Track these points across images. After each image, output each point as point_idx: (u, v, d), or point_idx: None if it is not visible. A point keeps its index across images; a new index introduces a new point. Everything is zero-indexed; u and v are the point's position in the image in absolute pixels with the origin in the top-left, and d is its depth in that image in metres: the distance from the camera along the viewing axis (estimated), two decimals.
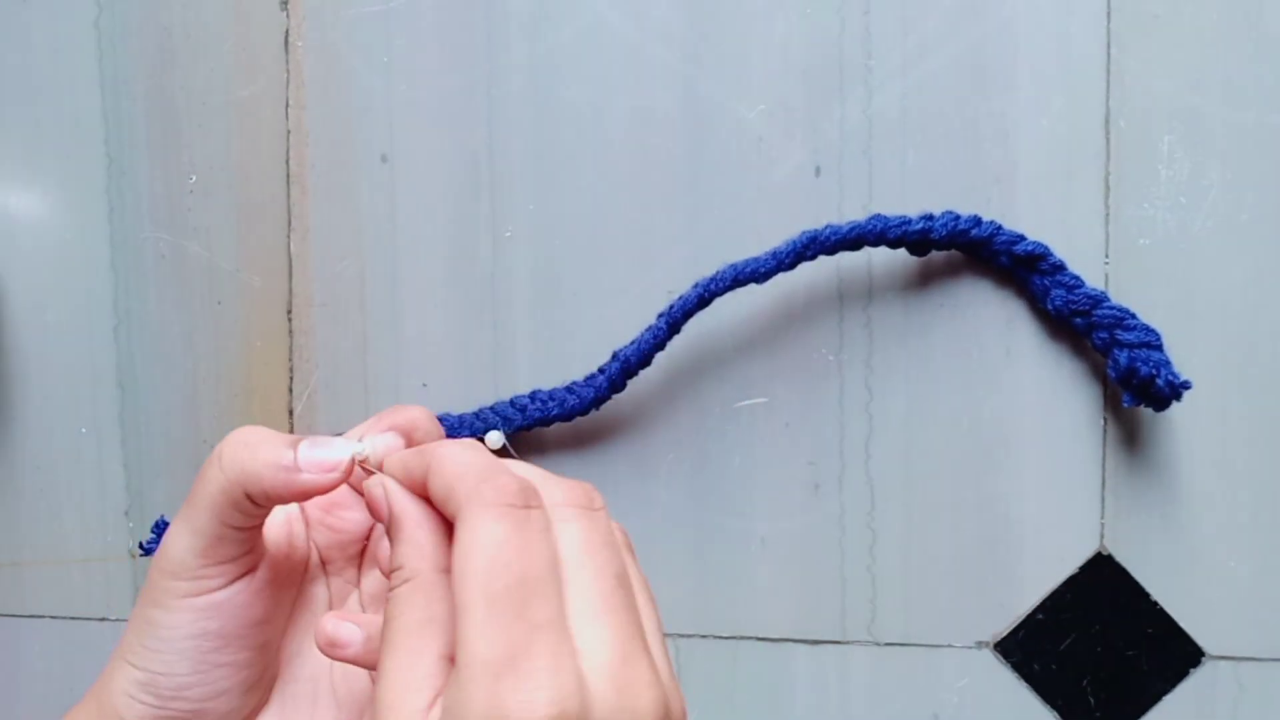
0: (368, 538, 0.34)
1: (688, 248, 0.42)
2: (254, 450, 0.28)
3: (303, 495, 0.29)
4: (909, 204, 0.41)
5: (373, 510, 0.28)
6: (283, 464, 0.28)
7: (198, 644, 0.29)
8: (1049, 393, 0.41)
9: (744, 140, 0.41)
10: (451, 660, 0.24)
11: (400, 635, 0.25)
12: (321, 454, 0.28)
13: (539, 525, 0.25)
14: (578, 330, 0.42)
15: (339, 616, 0.30)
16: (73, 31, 0.44)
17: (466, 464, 0.26)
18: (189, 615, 0.29)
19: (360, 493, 0.31)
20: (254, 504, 0.29)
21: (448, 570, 0.26)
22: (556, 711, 0.22)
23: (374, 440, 0.29)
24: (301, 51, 0.43)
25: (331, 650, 0.30)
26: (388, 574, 0.27)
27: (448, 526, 0.26)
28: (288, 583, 0.32)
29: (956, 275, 0.41)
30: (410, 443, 0.30)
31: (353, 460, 0.29)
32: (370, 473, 0.29)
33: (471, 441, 0.27)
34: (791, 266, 0.39)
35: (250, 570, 0.31)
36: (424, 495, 0.27)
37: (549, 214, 0.42)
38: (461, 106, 0.42)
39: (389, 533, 0.27)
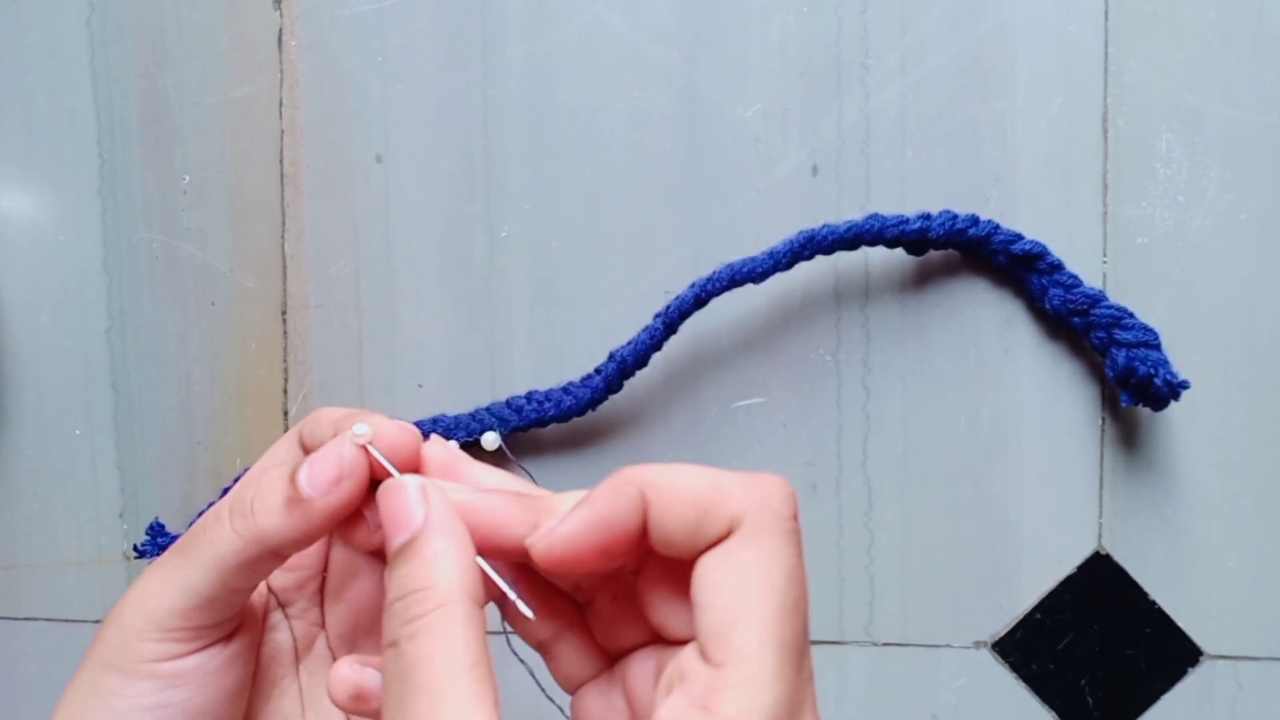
0: (325, 568, 0.29)
1: (685, 248, 0.41)
2: (264, 502, 0.24)
3: (329, 524, 0.25)
4: (907, 204, 0.41)
5: (394, 512, 0.23)
6: (285, 501, 0.24)
7: (154, 718, 0.25)
8: (1047, 392, 0.41)
9: (741, 140, 0.41)
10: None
11: (444, 680, 0.21)
12: (320, 467, 0.24)
13: (800, 545, 0.22)
14: (574, 331, 0.42)
15: (359, 661, 0.25)
16: (65, 31, 0.43)
17: (712, 473, 0.22)
18: (150, 684, 0.25)
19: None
20: (277, 559, 0.25)
21: (481, 603, 0.22)
22: None
23: (379, 424, 0.25)
24: (295, 51, 0.43)
25: (357, 704, 0.25)
26: (393, 599, 0.22)
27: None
28: (256, 641, 0.28)
29: (954, 275, 0.41)
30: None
31: (363, 459, 0.24)
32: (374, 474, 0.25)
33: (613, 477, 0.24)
34: (789, 266, 0.39)
35: (232, 634, 0.26)
36: (624, 544, 0.22)
37: (545, 214, 0.42)
38: (457, 106, 0.42)
39: (408, 545, 0.22)
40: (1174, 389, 0.38)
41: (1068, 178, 0.40)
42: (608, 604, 0.26)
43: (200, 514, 0.42)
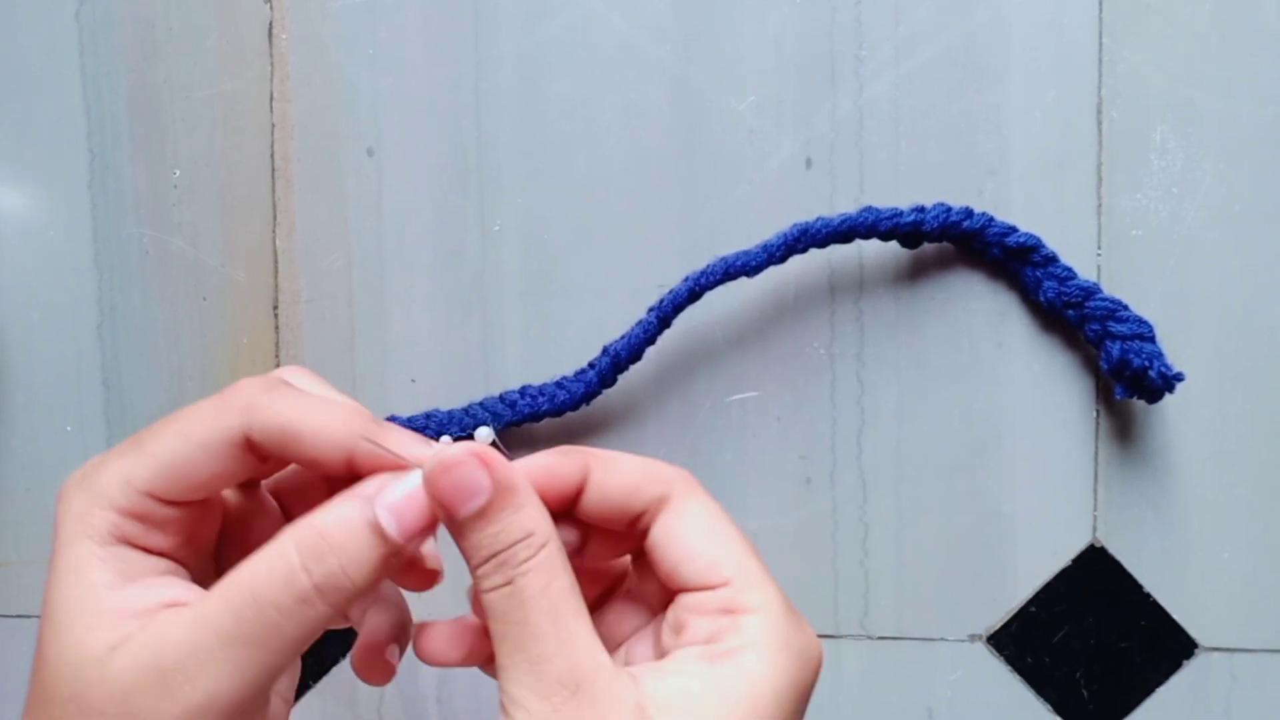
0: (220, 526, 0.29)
1: (678, 241, 0.41)
2: (352, 559, 0.24)
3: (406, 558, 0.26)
4: (901, 196, 0.40)
5: (460, 482, 0.24)
6: (378, 552, 0.24)
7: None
8: (1041, 385, 0.41)
9: (735, 133, 0.41)
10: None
11: (563, 599, 0.24)
12: (408, 516, 0.25)
13: None
14: (567, 325, 0.42)
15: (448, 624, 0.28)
16: (53, 25, 0.43)
17: (642, 460, 0.27)
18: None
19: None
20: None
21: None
22: (821, 647, 0.27)
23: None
24: (286, 44, 0.42)
25: (446, 653, 0.27)
26: (495, 551, 0.25)
27: None
28: None
29: (948, 268, 0.41)
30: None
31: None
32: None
33: (553, 451, 0.27)
34: (782, 259, 0.39)
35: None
36: (557, 496, 0.26)
37: (538, 208, 0.42)
38: (449, 99, 0.42)
39: (488, 507, 0.24)
40: (1169, 381, 0.38)
41: (1062, 170, 0.40)
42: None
43: None
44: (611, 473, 0.27)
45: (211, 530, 0.28)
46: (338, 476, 0.26)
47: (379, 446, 0.25)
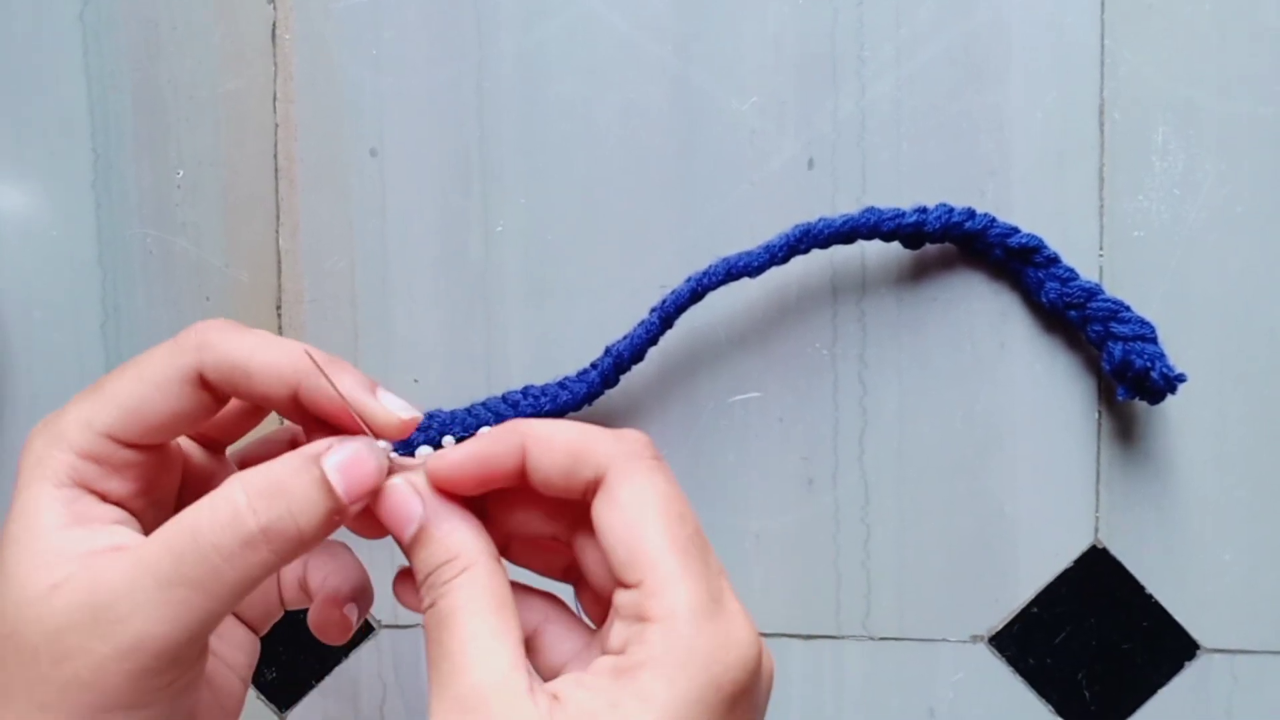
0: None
1: (680, 241, 0.41)
2: (301, 505, 0.25)
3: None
4: (903, 197, 0.40)
5: (395, 509, 0.26)
6: (325, 506, 0.25)
7: None
8: (1043, 386, 0.41)
9: (736, 133, 0.41)
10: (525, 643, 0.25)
11: (476, 620, 0.24)
12: (355, 480, 0.25)
13: (674, 476, 0.26)
14: (570, 325, 0.42)
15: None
16: (57, 25, 0.43)
17: (584, 428, 0.26)
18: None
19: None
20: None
21: (497, 558, 0.26)
22: (757, 645, 0.25)
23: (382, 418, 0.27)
24: (289, 44, 0.42)
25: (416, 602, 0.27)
26: (426, 574, 0.26)
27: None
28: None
29: (950, 269, 0.41)
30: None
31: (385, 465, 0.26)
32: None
33: (488, 430, 0.27)
34: (784, 260, 0.39)
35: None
36: (502, 477, 0.26)
37: (540, 208, 0.42)
38: (451, 100, 0.42)
39: (420, 533, 0.26)
40: (1171, 382, 0.38)
41: (1063, 170, 0.40)
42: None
43: None
44: (545, 452, 0.26)
45: (171, 482, 0.29)
46: (288, 414, 0.27)
47: (325, 376, 0.26)
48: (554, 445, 0.26)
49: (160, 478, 0.28)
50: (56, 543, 0.25)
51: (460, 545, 0.26)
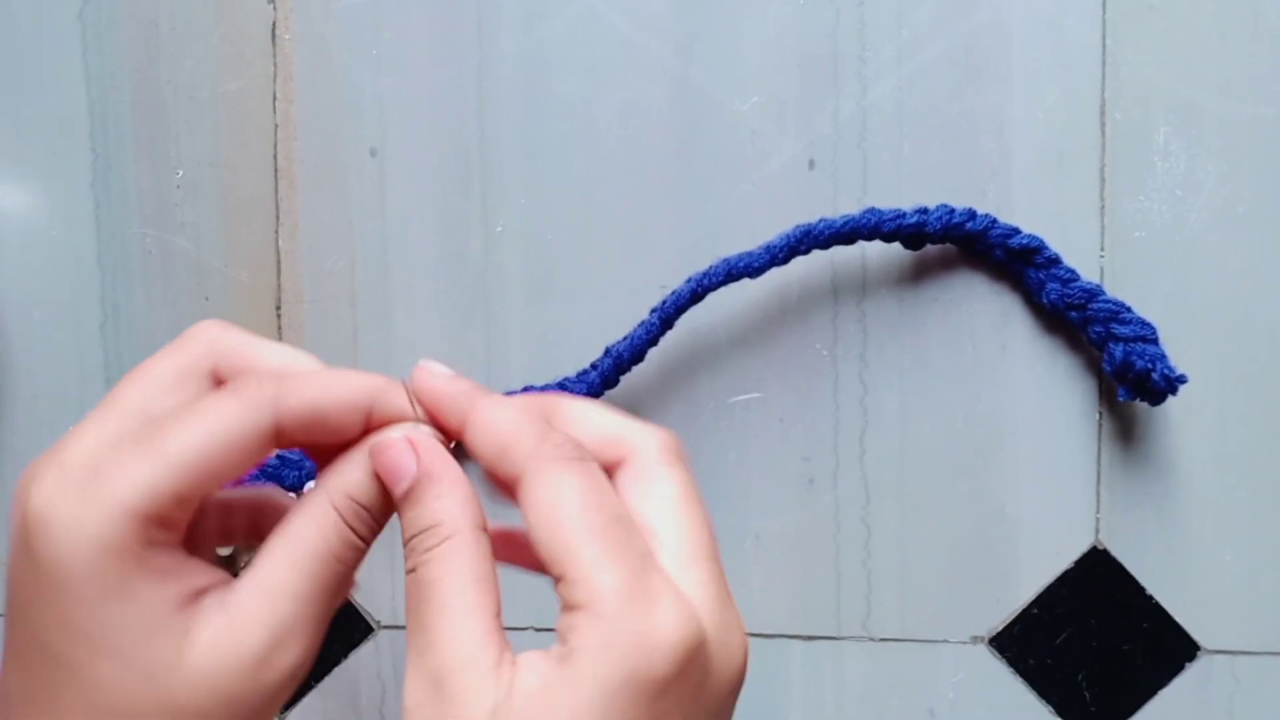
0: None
1: (680, 241, 0.41)
2: (354, 479, 0.26)
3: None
4: (903, 197, 0.40)
5: (391, 464, 0.26)
6: (374, 482, 0.26)
7: None
8: (1044, 387, 0.40)
9: (737, 133, 0.41)
10: (498, 618, 0.25)
11: (452, 594, 0.24)
12: (397, 467, 0.26)
13: (602, 475, 0.25)
14: (570, 325, 0.42)
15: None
16: (57, 25, 0.43)
17: (519, 423, 0.26)
18: None
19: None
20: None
21: (484, 528, 0.26)
22: (690, 630, 0.24)
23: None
24: (289, 44, 0.42)
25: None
26: (410, 536, 0.25)
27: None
28: None
29: (951, 269, 0.41)
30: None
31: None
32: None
33: (511, 399, 0.27)
34: (785, 260, 0.39)
35: None
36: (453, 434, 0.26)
37: (540, 208, 0.42)
38: (451, 100, 0.42)
39: (411, 491, 0.25)
40: (1172, 384, 0.38)
41: (1064, 171, 0.40)
42: None
43: None
44: (478, 434, 0.26)
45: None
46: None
47: (414, 407, 0.27)
48: (485, 429, 0.26)
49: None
50: (160, 609, 0.24)
51: (445, 513, 0.25)
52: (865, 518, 0.41)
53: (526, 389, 0.41)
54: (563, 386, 0.40)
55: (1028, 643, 0.41)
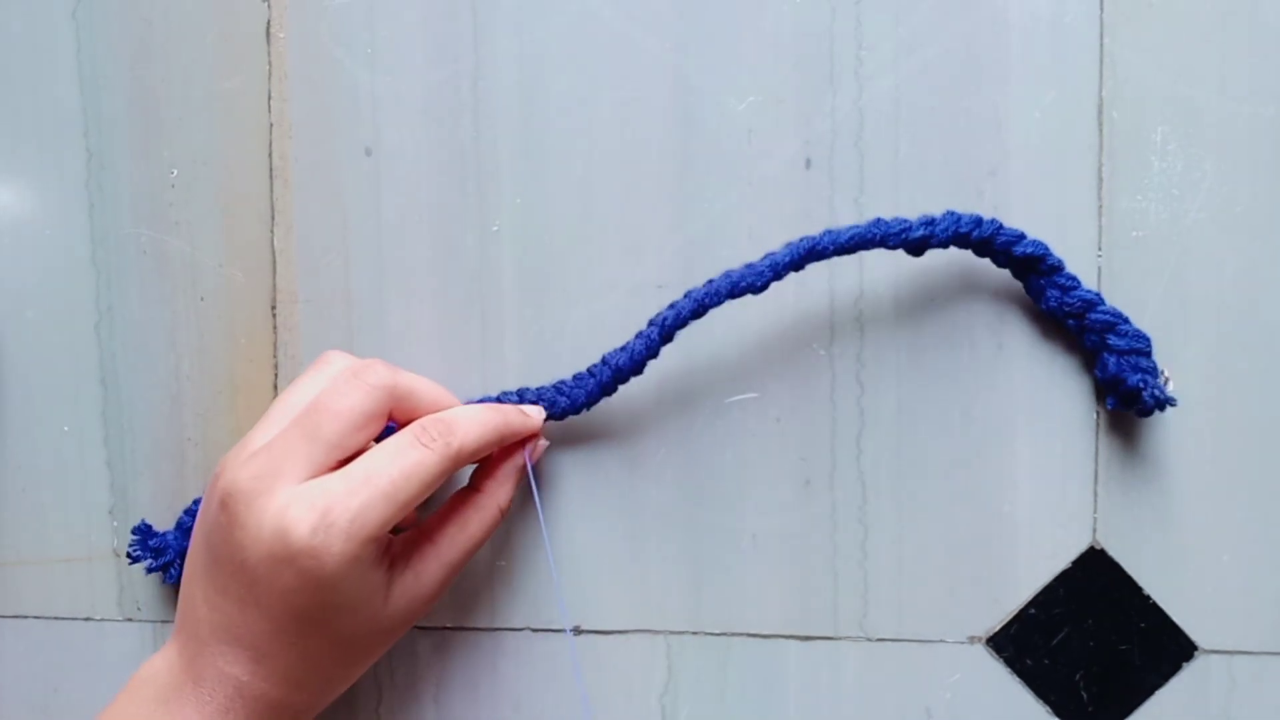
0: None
1: (677, 241, 0.41)
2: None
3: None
4: (901, 197, 0.40)
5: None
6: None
7: None
8: (1041, 387, 0.40)
9: (734, 132, 0.41)
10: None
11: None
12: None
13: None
14: (566, 325, 0.42)
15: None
16: (50, 23, 0.43)
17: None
18: None
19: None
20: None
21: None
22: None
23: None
24: (283, 43, 0.42)
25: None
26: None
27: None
28: None
29: (949, 269, 0.41)
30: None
31: None
32: None
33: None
34: (787, 274, 0.38)
35: None
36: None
37: (537, 208, 0.42)
38: (447, 99, 0.42)
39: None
40: (1161, 404, 0.38)
41: (1062, 170, 0.40)
42: None
43: (189, 510, 0.42)
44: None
45: None
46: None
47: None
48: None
49: None
50: (387, 591, 0.36)
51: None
52: (862, 518, 0.41)
53: (522, 391, 0.40)
54: (560, 390, 0.40)
55: (1025, 643, 0.41)
